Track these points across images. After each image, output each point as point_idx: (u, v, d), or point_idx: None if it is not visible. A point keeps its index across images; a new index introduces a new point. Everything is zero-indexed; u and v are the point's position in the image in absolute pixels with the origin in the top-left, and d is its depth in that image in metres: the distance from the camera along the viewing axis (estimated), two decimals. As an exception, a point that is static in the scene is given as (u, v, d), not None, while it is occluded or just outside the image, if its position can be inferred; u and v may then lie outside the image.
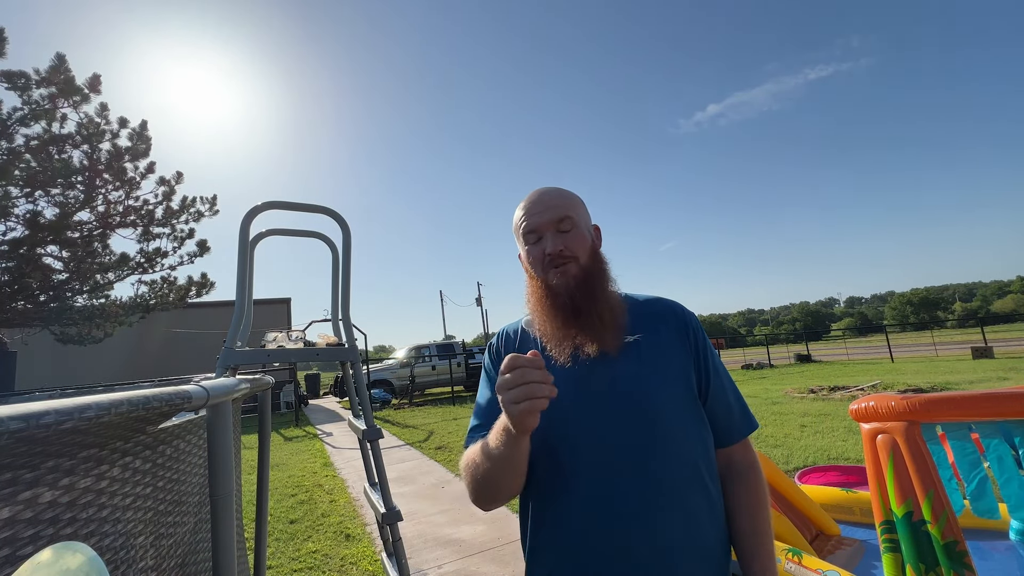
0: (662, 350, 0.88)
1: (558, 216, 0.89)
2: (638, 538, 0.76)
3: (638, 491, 0.78)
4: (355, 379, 2.06)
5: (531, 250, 0.91)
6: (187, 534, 0.81)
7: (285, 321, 20.84)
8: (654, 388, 0.84)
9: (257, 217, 1.91)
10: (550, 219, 0.90)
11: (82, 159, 8.29)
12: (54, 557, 0.44)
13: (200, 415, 0.85)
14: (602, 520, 0.78)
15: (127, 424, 0.59)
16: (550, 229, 0.90)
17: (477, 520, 3.92)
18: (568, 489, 0.81)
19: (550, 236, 0.89)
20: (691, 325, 0.93)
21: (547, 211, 0.90)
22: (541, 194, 0.93)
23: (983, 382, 9.34)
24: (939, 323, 59.07)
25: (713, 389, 0.90)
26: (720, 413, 0.90)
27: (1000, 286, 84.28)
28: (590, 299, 0.85)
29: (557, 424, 0.82)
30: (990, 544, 2.43)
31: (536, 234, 0.91)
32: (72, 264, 8.73)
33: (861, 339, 54.87)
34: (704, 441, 0.86)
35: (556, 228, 0.90)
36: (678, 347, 0.90)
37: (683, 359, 0.89)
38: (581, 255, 0.89)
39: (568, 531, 0.80)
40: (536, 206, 0.91)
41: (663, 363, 0.87)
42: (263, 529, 1.59)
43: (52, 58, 7.56)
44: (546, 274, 0.88)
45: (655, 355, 0.87)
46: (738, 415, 0.92)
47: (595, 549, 0.78)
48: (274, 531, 4.00)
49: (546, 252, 0.88)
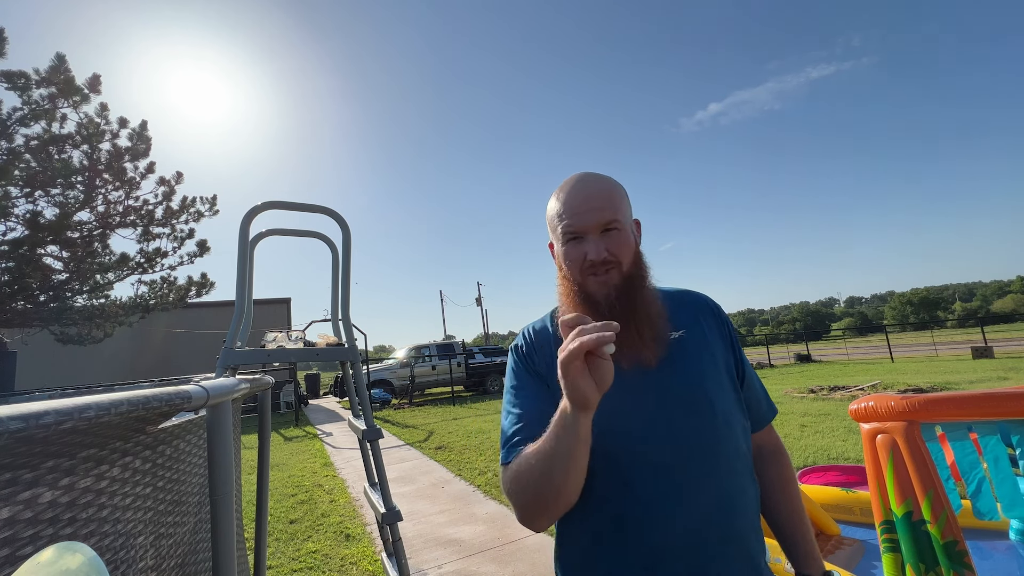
0: (707, 344, 0.87)
1: (605, 220, 0.80)
2: (711, 538, 0.76)
3: (708, 490, 0.76)
4: (355, 379, 2.06)
5: (569, 250, 0.83)
6: (187, 534, 0.81)
7: (285, 321, 20.85)
8: (708, 386, 0.82)
9: (257, 217, 1.91)
10: (596, 222, 0.80)
11: (82, 159, 8.29)
12: (54, 557, 0.44)
13: (200, 415, 0.85)
14: (672, 523, 0.75)
15: (127, 424, 0.59)
16: (595, 232, 0.81)
17: (477, 520, 3.92)
18: (634, 498, 0.76)
19: (593, 240, 0.81)
20: (724, 316, 0.93)
21: (592, 212, 0.81)
22: (586, 189, 0.83)
23: (983, 382, 9.34)
24: (939, 323, 59.11)
25: (748, 378, 0.91)
26: (752, 400, 0.91)
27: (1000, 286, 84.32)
28: (630, 311, 0.80)
29: (613, 432, 0.77)
30: (990, 544, 2.43)
31: (576, 235, 0.82)
32: (72, 264, 8.73)
33: (861, 339, 54.90)
34: (747, 430, 0.87)
35: (604, 230, 0.81)
36: (718, 339, 0.89)
37: (724, 351, 0.89)
38: (624, 260, 0.82)
39: (634, 540, 0.76)
40: (581, 204, 0.81)
41: (709, 357, 0.86)
42: (263, 529, 1.59)
43: (52, 58, 7.56)
44: (584, 278, 0.82)
45: (701, 350, 0.86)
46: (764, 401, 0.94)
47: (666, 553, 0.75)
48: (274, 531, 4.00)
49: (587, 258, 0.80)
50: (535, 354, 0.88)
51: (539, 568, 2.96)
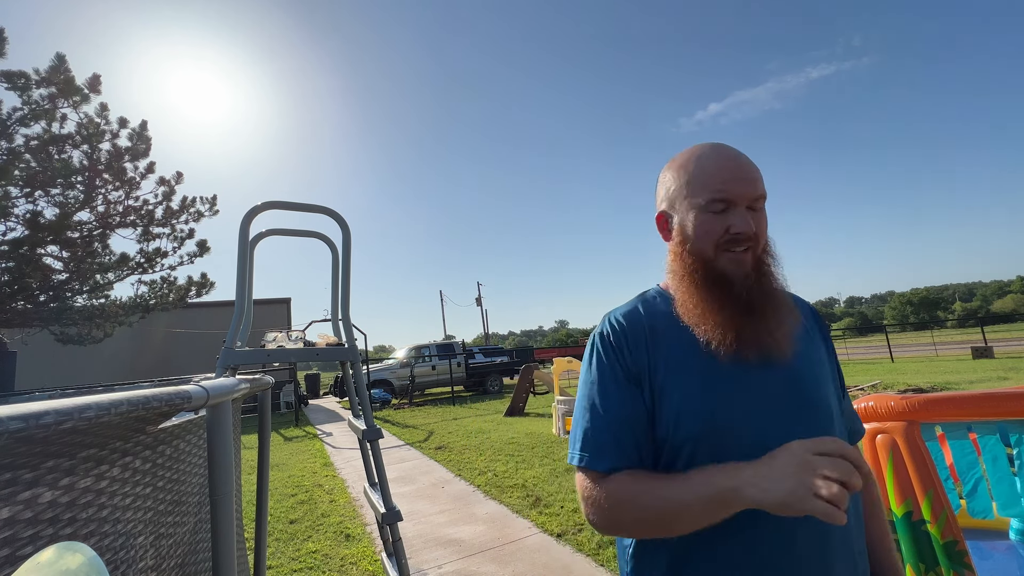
0: (815, 348, 0.81)
1: (756, 193, 0.74)
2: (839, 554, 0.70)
3: None
4: (355, 379, 2.06)
5: (707, 220, 0.74)
6: (187, 534, 0.81)
7: (285, 321, 20.84)
8: (825, 390, 0.76)
9: (257, 217, 1.91)
10: (749, 193, 0.74)
11: (82, 159, 8.29)
12: (54, 557, 0.44)
13: (200, 415, 0.85)
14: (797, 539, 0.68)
15: (127, 424, 0.59)
16: (743, 204, 0.74)
17: (477, 520, 3.92)
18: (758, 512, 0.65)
19: (740, 213, 0.73)
20: (824, 321, 0.87)
21: (746, 183, 0.74)
22: (737, 157, 0.76)
23: (983, 382, 9.34)
24: (939, 323, 59.05)
25: (844, 389, 0.85)
26: (848, 413, 0.86)
27: (1000, 286, 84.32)
28: (767, 297, 0.74)
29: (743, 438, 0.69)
30: (990, 544, 2.43)
31: (725, 204, 0.73)
32: (72, 264, 8.73)
33: (861, 339, 54.85)
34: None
35: (750, 205, 0.74)
36: (822, 345, 0.84)
37: (828, 357, 0.83)
38: (762, 242, 0.76)
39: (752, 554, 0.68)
40: (734, 172, 0.74)
41: (819, 361, 0.80)
42: (263, 529, 1.60)
43: (52, 58, 7.56)
44: (717, 254, 0.74)
45: (812, 353, 0.79)
46: (856, 417, 0.89)
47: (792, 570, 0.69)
48: (274, 531, 4.00)
49: (731, 230, 0.73)
50: (626, 346, 0.77)
51: (539, 568, 2.96)
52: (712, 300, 0.73)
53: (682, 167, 0.79)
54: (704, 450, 0.70)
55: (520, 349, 22.12)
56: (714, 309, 0.73)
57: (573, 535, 3.35)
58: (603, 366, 0.78)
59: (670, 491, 0.66)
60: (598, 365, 0.79)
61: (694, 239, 0.76)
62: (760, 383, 0.73)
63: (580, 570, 2.89)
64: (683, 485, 0.65)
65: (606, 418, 0.75)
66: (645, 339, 0.77)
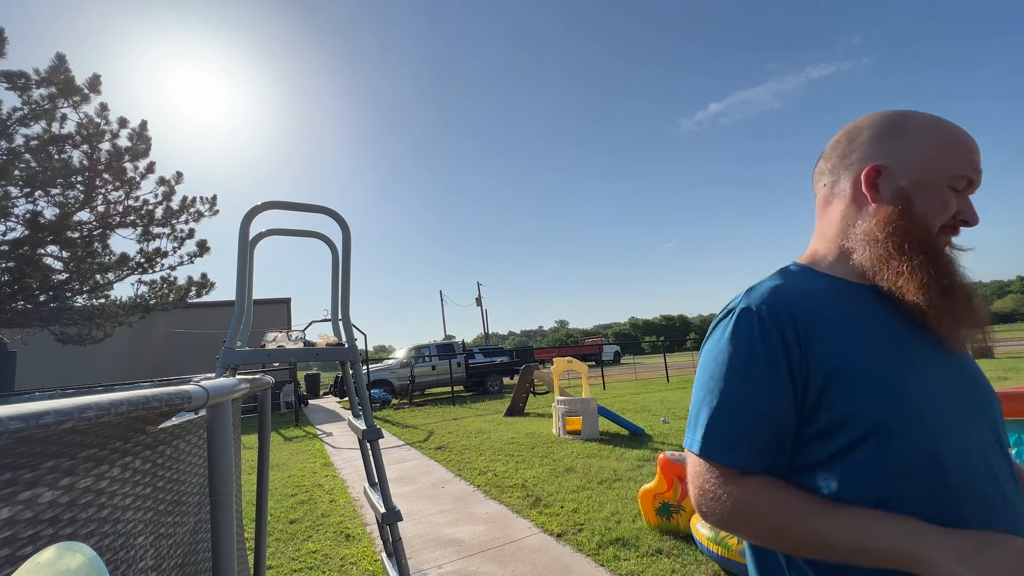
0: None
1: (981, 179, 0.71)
2: None
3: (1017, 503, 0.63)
4: (355, 379, 2.06)
5: (947, 195, 0.68)
6: (187, 534, 0.81)
7: (285, 321, 20.85)
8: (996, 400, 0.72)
9: (257, 217, 1.92)
10: (981, 178, 0.70)
11: (82, 159, 8.29)
12: (54, 557, 0.44)
13: (200, 415, 0.85)
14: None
15: (127, 424, 0.59)
16: (974, 191, 0.70)
17: (477, 520, 3.92)
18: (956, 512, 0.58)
19: (969, 200, 0.70)
20: None
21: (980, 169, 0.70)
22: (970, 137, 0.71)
23: (983, 382, 9.32)
24: (939, 323, 58.79)
25: None
26: None
27: (1000, 286, 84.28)
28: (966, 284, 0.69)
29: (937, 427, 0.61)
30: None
31: (965, 181, 0.69)
32: (72, 264, 8.73)
33: (861, 339, 54.59)
34: None
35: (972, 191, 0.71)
36: None
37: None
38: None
39: None
40: (977, 153, 0.70)
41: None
42: (263, 529, 1.60)
43: (52, 58, 7.56)
44: (936, 232, 0.69)
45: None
46: None
47: None
48: (274, 531, 4.00)
49: (959, 216, 0.69)
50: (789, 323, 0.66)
51: (539, 568, 2.95)
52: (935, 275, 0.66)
53: (931, 128, 0.70)
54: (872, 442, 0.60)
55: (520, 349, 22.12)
56: (923, 290, 0.65)
57: (573, 535, 3.35)
58: (753, 345, 0.67)
59: (819, 523, 0.58)
60: (746, 344, 0.67)
61: (922, 213, 0.68)
62: (949, 374, 0.66)
63: (580, 570, 2.89)
64: (837, 524, 0.58)
65: (745, 408, 0.65)
66: (805, 317, 0.67)
